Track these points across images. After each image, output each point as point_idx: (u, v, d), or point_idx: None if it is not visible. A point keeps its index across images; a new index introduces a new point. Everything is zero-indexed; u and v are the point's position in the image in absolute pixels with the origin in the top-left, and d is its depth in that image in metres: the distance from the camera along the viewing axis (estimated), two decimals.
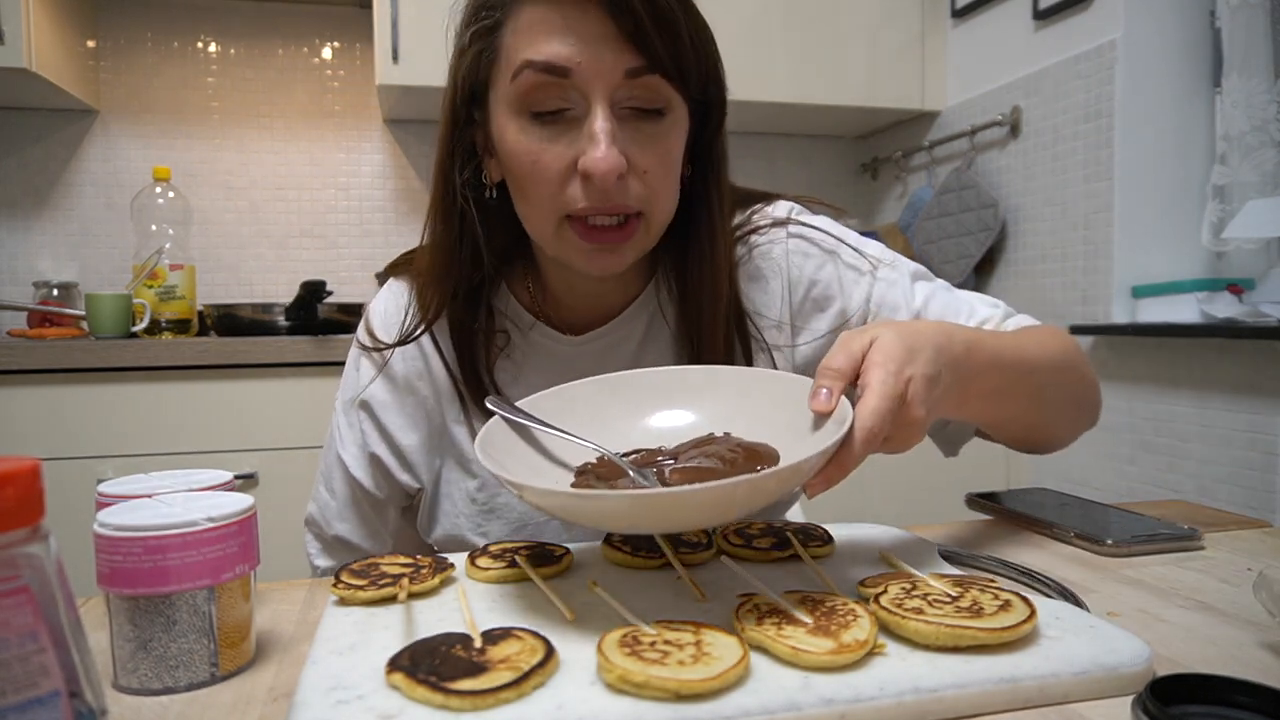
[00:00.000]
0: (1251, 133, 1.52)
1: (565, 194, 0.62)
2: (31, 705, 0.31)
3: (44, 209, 2.06)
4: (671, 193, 0.66)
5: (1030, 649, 0.42)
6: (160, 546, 0.43)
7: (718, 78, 0.67)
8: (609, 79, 0.59)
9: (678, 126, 0.64)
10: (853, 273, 0.76)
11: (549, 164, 0.61)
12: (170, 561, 0.43)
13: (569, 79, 0.59)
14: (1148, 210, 1.66)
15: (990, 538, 0.70)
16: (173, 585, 0.43)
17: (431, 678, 0.38)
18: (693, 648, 0.40)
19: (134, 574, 0.43)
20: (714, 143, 0.69)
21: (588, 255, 0.64)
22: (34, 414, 1.52)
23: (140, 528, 0.43)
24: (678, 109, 0.64)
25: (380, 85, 1.85)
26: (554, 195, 0.62)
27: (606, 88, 0.59)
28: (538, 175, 0.62)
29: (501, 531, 0.75)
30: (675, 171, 0.65)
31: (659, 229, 0.67)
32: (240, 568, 0.46)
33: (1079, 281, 1.76)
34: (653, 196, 0.63)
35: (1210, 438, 1.50)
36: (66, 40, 1.89)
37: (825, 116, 2.27)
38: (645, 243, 0.67)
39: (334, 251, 2.23)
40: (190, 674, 0.44)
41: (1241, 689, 0.37)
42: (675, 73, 0.61)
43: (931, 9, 2.15)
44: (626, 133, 0.61)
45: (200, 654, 0.44)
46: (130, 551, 0.42)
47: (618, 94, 0.60)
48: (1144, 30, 1.64)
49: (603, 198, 0.61)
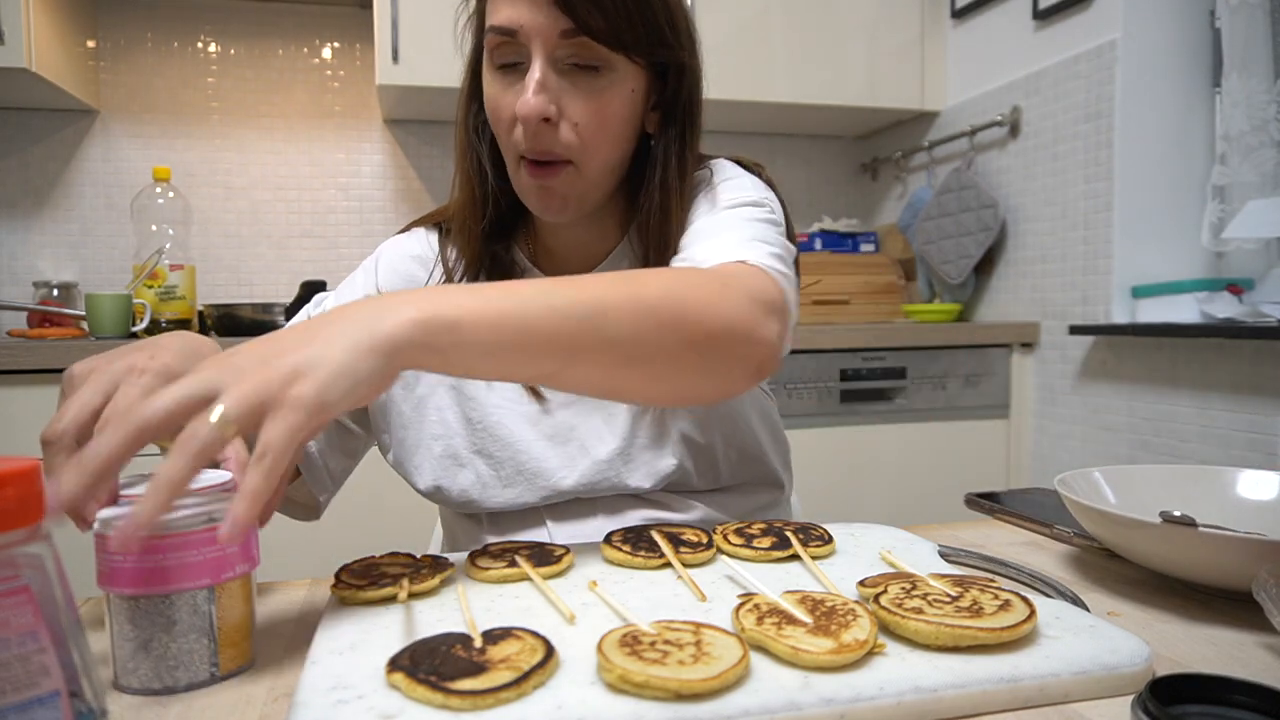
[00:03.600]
0: (1251, 133, 1.52)
1: (513, 136, 0.70)
2: (31, 705, 0.31)
3: (44, 209, 2.06)
4: (607, 146, 0.71)
5: (1030, 649, 0.42)
6: (160, 547, 0.43)
7: (666, 41, 0.71)
8: (546, 38, 0.67)
9: (618, 85, 0.70)
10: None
11: (503, 109, 0.70)
12: (170, 562, 0.43)
13: (516, 38, 0.68)
14: (1148, 210, 1.66)
15: (990, 538, 0.70)
16: (173, 585, 0.43)
17: (432, 677, 0.38)
18: (693, 648, 0.40)
19: (134, 574, 0.43)
20: (675, 101, 0.74)
21: (535, 194, 0.72)
22: (34, 414, 1.52)
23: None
24: (620, 69, 0.69)
25: (380, 85, 1.85)
26: (508, 138, 0.71)
27: (545, 46, 0.67)
28: (497, 120, 0.71)
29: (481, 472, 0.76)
30: (612, 126, 0.71)
31: (592, 180, 0.72)
32: (240, 568, 0.46)
33: (1079, 282, 1.76)
34: (584, 147, 0.70)
35: (1210, 438, 1.50)
36: (66, 40, 1.89)
37: (825, 117, 2.27)
38: (581, 190, 0.72)
39: (334, 251, 2.23)
40: (190, 674, 0.44)
41: (1241, 689, 0.37)
42: (607, 36, 0.67)
43: (931, 9, 2.15)
44: (564, 85, 0.68)
45: (200, 654, 0.44)
46: (130, 552, 0.42)
47: (558, 52, 0.68)
48: (1144, 30, 1.64)
49: (532, 140, 0.68)
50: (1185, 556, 0.53)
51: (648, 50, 0.70)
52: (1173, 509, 0.59)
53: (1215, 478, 0.67)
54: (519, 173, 0.72)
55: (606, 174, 0.73)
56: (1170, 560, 0.54)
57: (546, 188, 0.71)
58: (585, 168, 0.71)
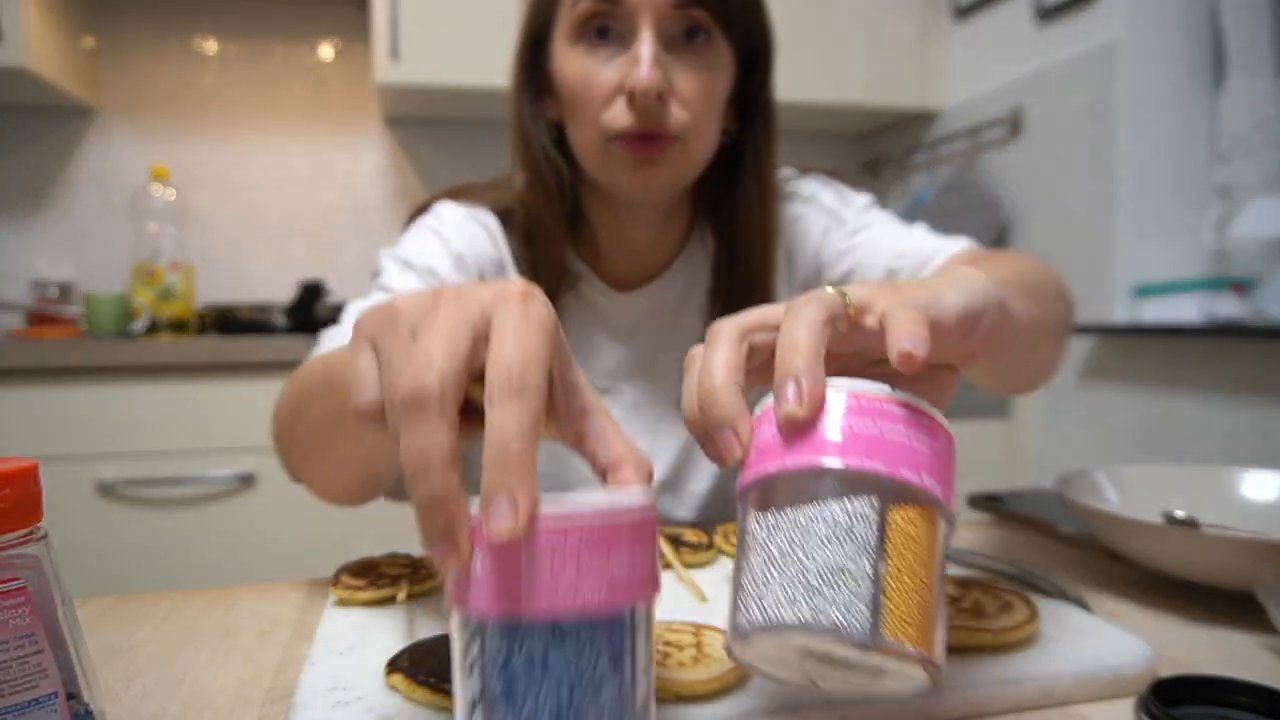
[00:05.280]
0: (1254, 131, 1.52)
1: (610, 113, 0.66)
2: (29, 707, 0.31)
3: (42, 208, 2.06)
4: (711, 127, 0.69)
5: (1032, 650, 0.42)
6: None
7: (762, 28, 0.71)
8: (657, 7, 0.64)
9: (721, 66, 0.68)
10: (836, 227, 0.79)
11: (599, 85, 0.66)
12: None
13: (620, 5, 0.64)
14: (1150, 209, 1.66)
15: (992, 538, 0.70)
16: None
17: (431, 679, 0.38)
18: (693, 649, 0.40)
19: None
20: (760, 95, 0.73)
21: (630, 172, 0.67)
22: (32, 414, 1.52)
23: None
24: (721, 49, 0.68)
25: (380, 84, 1.84)
26: (600, 115, 0.66)
27: (654, 15, 0.64)
28: (589, 96, 0.66)
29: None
30: (716, 108, 0.69)
31: (696, 161, 0.69)
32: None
33: (1081, 281, 1.76)
34: (692, 124, 0.67)
35: (1213, 438, 1.50)
36: (64, 39, 1.89)
37: (826, 115, 2.27)
38: (683, 168, 0.69)
39: (333, 251, 2.22)
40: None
41: (1244, 690, 0.36)
42: (720, 9, 0.65)
43: (933, 7, 2.15)
44: (672, 59, 0.66)
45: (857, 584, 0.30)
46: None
47: (665, 24, 0.65)
48: (1146, 29, 1.64)
49: (644, 117, 0.65)
50: (1188, 557, 0.53)
51: (746, 31, 0.69)
52: (1175, 509, 0.58)
53: (1218, 478, 0.66)
54: (608, 153, 0.67)
55: (705, 157, 0.71)
56: (1173, 561, 0.54)
57: (650, 161, 0.67)
58: (691, 146, 0.68)
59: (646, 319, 0.77)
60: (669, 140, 0.66)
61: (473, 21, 1.81)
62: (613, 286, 0.77)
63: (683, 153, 0.68)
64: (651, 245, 0.76)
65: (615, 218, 0.74)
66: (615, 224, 0.75)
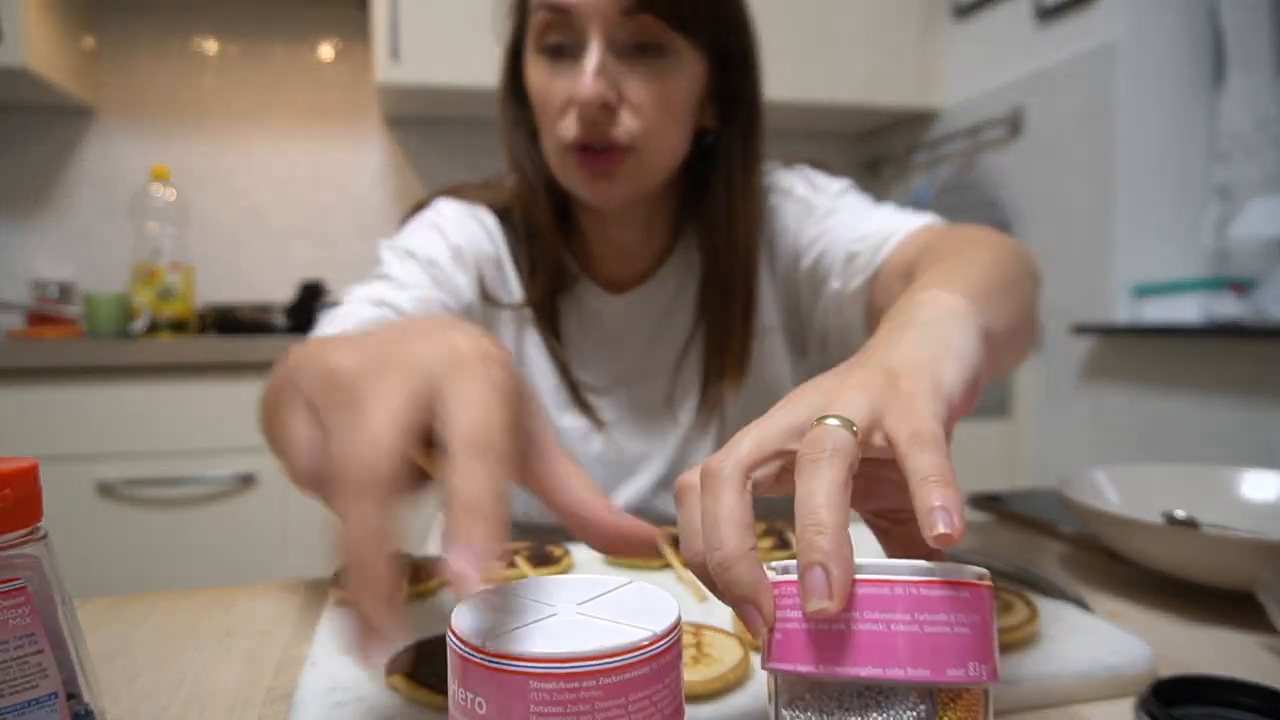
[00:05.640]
0: (1254, 131, 1.52)
1: (563, 124, 0.65)
2: (29, 707, 0.31)
3: (42, 208, 2.06)
4: (671, 133, 0.67)
5: (1032, 650, 0.42)
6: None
7: (731, 24, 0.69)
8: (604, 16, 0.63)
9: (681, 70, 0.66)
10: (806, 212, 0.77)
11: (553, 96, 0.66)
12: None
13: (570, 15, 0.63)
14: (1150, 209, 1.66)
15: (992, 538, 0.70)
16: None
17: (432, 679, 0.38)
18: (693, 649, 0.40)
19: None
20: (738, 94, 0.71)
21: (588, 185, 0.67)
22: (32, 414, 1.52)
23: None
24: (683, 53, 0.66)
25: (380, 84, 1.84)
26: (556, 126, 0.66)
27: (602, 25, 0.63)
28: (546, 107, 0.66)
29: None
30: (674, 113, 0.67)
31: (655, 168, 0.68)
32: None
33: (1080, 281, 1.76)
34: (645, 133, 0.65)
35: (1213, 438, 1.50)
36: (64, 39, 1.89)
37: (826, 115, 2.27)
38: (640, 178, 0.68)
39: (333, 251, 2.22)
40: None
41: (1244, 691, 0.36)
42: (671, 14, 0.63)
43: (933, 8, 2.15)
44: (623, 69, 0.64)
45: None
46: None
47: (617, 32, 0.63)
48: (1146, 29, 1.64)
49: (589, 128, 0.64)
50: (1188, 557, 0.53)
51: (711, 32, 0.67)
52: (1175, 509, 0.58)
53: (1218, 478, 0.66)
54: (565, 164, 0.67)
55: (668, 164, 0.69)
56: (1173, 561, 0.54)
57: (606, 175, 0.66)
58: (647, 156, 0.67)
59: (640, 320, 0.77)
60: (621, 154, 0.65)
61: (473, 21, 1.80)
62: (605, 289, 0.77)
63: (638, 164, 0.67)
64: (638, 245, 0.76)
65: (598, 220, 0.74)
66: (600, 225, 0.75)
